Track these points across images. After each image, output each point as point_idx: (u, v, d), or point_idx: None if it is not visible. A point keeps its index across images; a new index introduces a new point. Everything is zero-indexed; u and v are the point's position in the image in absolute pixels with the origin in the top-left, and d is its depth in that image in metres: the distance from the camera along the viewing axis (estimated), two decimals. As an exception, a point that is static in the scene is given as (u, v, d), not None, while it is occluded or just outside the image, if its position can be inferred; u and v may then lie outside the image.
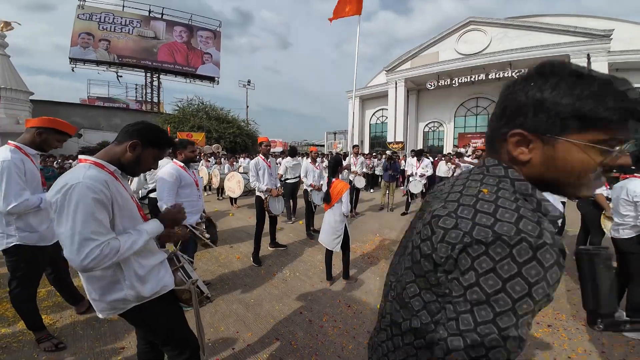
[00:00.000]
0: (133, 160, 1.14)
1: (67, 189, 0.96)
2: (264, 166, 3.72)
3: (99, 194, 0.99)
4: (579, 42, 12.76)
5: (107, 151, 1.14)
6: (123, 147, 1.13)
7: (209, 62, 26.44)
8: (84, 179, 0.98)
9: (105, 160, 1.11)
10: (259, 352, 2.00)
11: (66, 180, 0.99)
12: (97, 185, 0.99)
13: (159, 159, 1.23)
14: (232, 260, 3.68)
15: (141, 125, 1.18)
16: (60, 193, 0.96)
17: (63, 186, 0.97)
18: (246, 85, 27.53)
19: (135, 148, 1.13)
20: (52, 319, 2.31)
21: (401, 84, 18.48)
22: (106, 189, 1.01)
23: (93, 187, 0.98)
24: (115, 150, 1.14)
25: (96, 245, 0.96)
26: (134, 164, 1.16)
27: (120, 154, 1.13)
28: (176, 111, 19.86)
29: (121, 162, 1.14)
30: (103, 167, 1.08)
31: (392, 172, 6.66)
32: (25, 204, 1.76)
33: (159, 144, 1.20)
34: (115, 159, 1.13)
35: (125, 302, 1.10)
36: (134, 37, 23.82)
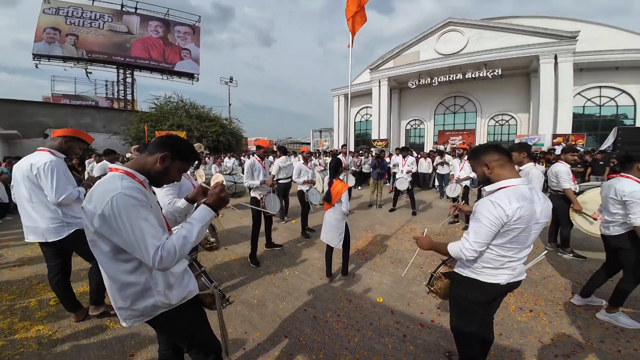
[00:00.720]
0: (161, 171, 1.17)
1: (111, 200, 0.98)
2: (260, 167, 3.75)
3: (140, 200, 1.02)
4: (548, 44, 13.64)
5: (137, 161, 1.17)
6: (154, 159, 1.16)
7: (188, 58, 25.54)
8: (122, 188, 1.00)
9: (135, 169, 1.13)
10: (269, 350, 2.06)
11: (105, 190, 1.00)
12: (135, 193, 1.02)
13: (183, 172, 1.26)
14: (229, 262, 3.68)
15: (173, 139, 1.22)
16: (103, 204, 0.98)
17: (103, 197, 0.99)
18: (228, 82, 26.88)
19: (165, 160, 1.16)
20: (51, 329, 2.24)
21: (384, 83, 18.88)
22: (143, 196, 1.05)
23: (131, 195, 1.01)
24: (146, 160, 1.17)
25: (159, 246, 1.00)
26: (162, 175, 1.19)
27: (150, 164, 1.16)
28: (153, 109, 18.97)
29: (150, 172, 1.16)
30: (134, 176, 1.10)
31: (380, 170, 6.86)
32: (70, 196, 2.10)
33: (187, 158, 1.24)
34: (145, 169, 1.16)
35: (156, 308, 1.12)
36: (104, 32, 22.50)
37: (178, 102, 19.57)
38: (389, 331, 2.29)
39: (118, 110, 22.88)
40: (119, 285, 1.09)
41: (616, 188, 2.28)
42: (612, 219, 2.39)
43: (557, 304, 2.68)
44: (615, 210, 2.34)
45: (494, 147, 1.52)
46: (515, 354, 2.01)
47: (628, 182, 2.24)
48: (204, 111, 20.09)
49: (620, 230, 2.34)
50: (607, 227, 2.44)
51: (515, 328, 2.32)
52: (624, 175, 2.33)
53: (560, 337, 2.21)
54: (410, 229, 5.14)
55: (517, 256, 1.44)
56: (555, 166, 3.85)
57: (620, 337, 2.17)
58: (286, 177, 5.56)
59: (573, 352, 2.01)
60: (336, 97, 23.50)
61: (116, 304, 1.12)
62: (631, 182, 2.23)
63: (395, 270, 3.44)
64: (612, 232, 2.40)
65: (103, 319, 2.39)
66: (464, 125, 18.90)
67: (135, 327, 2.21)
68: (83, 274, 3.31)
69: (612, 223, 2.39)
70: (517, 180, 1.40)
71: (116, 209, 0.97)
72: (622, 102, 14.52)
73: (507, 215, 1.30)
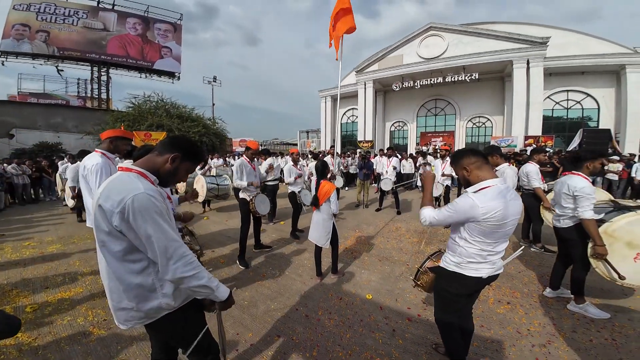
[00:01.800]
0: (171, 172, 1.17)
1: (131, 199, 0.97)
2: (250, 168, 3.73)
3: (160, 206, 1.03)
4: (521, 49, 14.43)
5: (147, 160, 1.16)
6: (164, 159, 1.15)
7: (168, 57, 24.70)
8: (145, 189, 1.01)
9: (146, 169, 1.13)
10: (263, 350, 2.07)
11: (125, 190, 0.99)
12: (157, 196, 1.03)
13: (190, 172, 1.27)
14: (217, 265, 3.63)
15: (183, 139, 1.22)
16: (124, 203, 0.97)
17: (124, 197, 0.98)
18: (212, 82, 26.29)
19: (175, 160, 1.16)
20: (30, 336, 2.14)
21: (370, 85, 19.22)
22: (161, 199, 1.06)
23: (155, 198, 1.01)
24: (156, 160, 1.16)
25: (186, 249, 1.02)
26: (171, 176, 1.19)
27: (160, 164, 1.16)
28: (130, 108, 18.15)
29: (159, 172, 1.16)
30: (147, 177, 1.10)
31: (366, 171, 6.99)
32: None
33: (195, 159, 1.24)
34: (155, 169, 1.15)
35: (159, 310, 1.12)
36: (78, 28, 21.34)
37: (158, 102, 18.89)
38: (378, 326, 2.36)
39: (91, 110, 21.77)
40: (126, 286, 1.08)
41: (569, 184, 2.47)
42: (563, 212, 2.59)
43: (531, 297, 2.86)
44: (566, 205, 2.53)
45: (469, 151, 1.62)
46: (496, 345, 2.13)
47: (579, 179, 2.45)
48: (185, 111, 19.49)
49: (569, 222, 2.55)
50: (558, 220, 2.65)
51: (495, 320, 2.46)
52: (574, 172, 2.54)
53: (536, 327, 2.35)
54: (396, 228, 5.28)
55: (496, 250, 1.56)
56: (525, 166, 4.12)
57: (591, 327, 2.34)
58: (274, 179, 5.56)
59: (548, 342, 2.16)
60: (323, 98, 23.62)
61: (120, 305, 1.11)
62: (581, 179, 2.45)
63: (382, 268, 3.53)
64: (563, 225, 2.61)
65: (85, 325, 2.30)
66: (444, 127, 19.58)
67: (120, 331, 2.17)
68: (59, 279, 3.16)
69: (563, 216, 2.60)
70: (495, 180, 1.53)
71: (139, 208, 0.97)
72: (587, 105, 15.61)
73: (479, 209, 1.43)
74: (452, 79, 15.98)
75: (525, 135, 14.38)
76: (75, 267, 3.53)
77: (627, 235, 2.36)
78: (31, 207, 7.61)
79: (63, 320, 2.39)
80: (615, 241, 2.37)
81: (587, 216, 2.33)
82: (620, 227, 2.38)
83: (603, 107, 15.17)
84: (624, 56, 13.88)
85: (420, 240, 4.52)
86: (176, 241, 1.03)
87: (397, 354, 2.05)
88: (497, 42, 15.20)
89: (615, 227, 2.40)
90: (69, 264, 3.63)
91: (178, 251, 1.02)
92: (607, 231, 2.40)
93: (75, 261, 3.70)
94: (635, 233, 2.34)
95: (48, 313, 2.51)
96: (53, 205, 7.68)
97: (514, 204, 1.51)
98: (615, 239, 2.38)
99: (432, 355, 2.03)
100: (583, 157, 2.54)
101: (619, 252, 2.36)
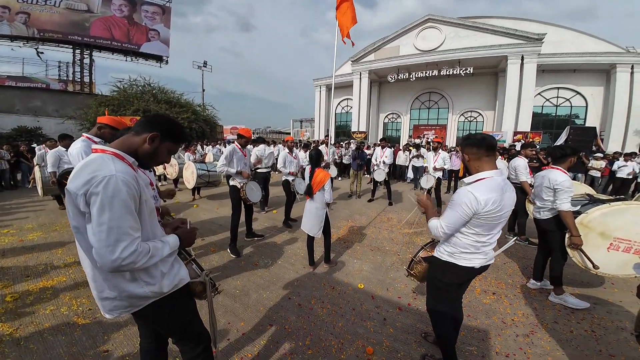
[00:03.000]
0: (150, 152, 1.09)
1: (101, 180, 0.89)
2: (240, 155, 3.63)
3: (132, 188, 0.95)
4: (516, 45, 14.46)
5: (123, 141, 1.07)
6: (142, 139, 1.07)
7: (156, 40, 23.62)
8: (117, 172, 0.92)
9: (123, 150, 1.04)
10: (255, 339, 2.06)
11: (95, 171, 0.91)
12: (130, 180, 0.94)
13: (172, 153, 1.19)
14: (207, 254, 3.57)
15: (162, 117, 1.13)
16: (91, 184, 0.89)
17: (93, 177, 0.90)
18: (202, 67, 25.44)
19: (154, 140, 1.08)
20: (11, 327, 2.06)
21: (365, 75, 19.00)
22: (136, 184, 0.97)
23: (127, 182, 0.93)
24: (133, 140, 1.07)
25: (132, 241, 0.92)
26: (150, 157, 1.11)
27: (138, 145, 1.07)
28: (115, 92, 17.39)
29: (137, 153, 1.08)
30: (123, 158, 1.02)
31: (360, 161, 6.98)
32: None
33: (176, 138, 1.15)
34: (132, 150, 1.07)
35: (145, 298, 1.06)
36: (60, 10, 20.09)
37: (145, 86, 18.15)
38: (370, 315, 2.38)
39: (73, 94, 20.79)
40: (105, 275, 1.01)
41: (550, 178, 2.55)
42: (542, 204, 2.69)
43: (515, 287, 2.94)
44: (546, 197, 2.63)
45: (474, 141, 1.55)
46: (482, 334, 2.19)
47: (558, 173, 2.55)
48: (174, 96, 18.84)
49: (548, 214, 2.66)
50: (539, 212, 2.76)
51: (481, 310, 2.52)
52: (554, 167, 2.64)
53: (520, 317, 2.43)
54: (388, 219, 5.32)
55: (489, 241, 1.58)
56: (514, 160, 4.18)
57: (571, 319, 2.42)
58: (265, 166, 5.47)
59: (532, 332, 2.23)
60: (318, 87, 23.24)
61: (102, 294, 1.04)
62: (561, 173, 2.54)
63: (374, 258, 3.56)
64: (542, 217, 2.71)
65: (69, 315, 2.23)
66: (437, 120, 19.69)
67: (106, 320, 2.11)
68: (41, 268, 3.04)
69: (543, 208, 2.70)
70: (492, 172, 1.52)
71: (104, 190, 0.89)
72: (575, 102, 15.95)
73: (480, 203, 1.43)
74: (447, 72, 15.95)
75: (515, 131, 14.62)
76: (57, 255, 3.40)
77: (600, 226, 2.50)
78: (9, 193, 7.27)
79: (46, 310, 2.30)
80: (589, 232, 2.51)
81: (565, 208, 2.44)
82: (594, 219, 2.52)
83: (591, 105, 15.54)
84: (615, 55, 14.13)
85: (410, 231, 4.57)
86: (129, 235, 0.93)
87: (388, 342, 2.07)
88: (493, 36, 15.17)
89: (590, 219, 2.53)
90: (51, 252, 3.49)
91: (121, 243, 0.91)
92: (583, 222, 2.54)
93: (57, 249, 3.56)
94: (608, 224, 2.48)
95: (29, 302, 2.41)
96: (33, 192, 7.36)
97: (509, 196, 1.53)
98: (590, 230, 2.51)
99: (421, 344, 2.07)
100: (569, 152, 2.63)
101: (592, 242, 2.50)
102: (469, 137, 1.60)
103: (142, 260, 0.96)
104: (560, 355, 1.99)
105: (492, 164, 1.55)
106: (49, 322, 2.14)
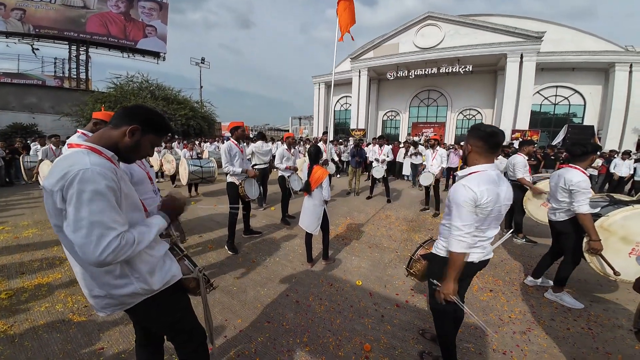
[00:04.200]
0: (131, 146, 1.05)
1: (75, 175, 0.85)
2: (237, 151, 3.60)
3: (110, 181, 0.90)
4: (516, 43, 14.42)
5: (101, 135, 1.03)
6: (121, 132, 1.03)
7: (153, 36, 23.41)
8: (92, 165, 0.88)
9: (101, 145, 1.00)
10: (252, 336, 2.05)
11: (69, 166, 0.87)
12: (107, 172, 0.90)
13: (156, 145, 1.15)
14: (204, 251, 3.55)
15: (141, 109, 1.08)
16: (65, 180, 0.85)
17: (66, 172, 0.86)
18: (200, 63, 25.24)
19: (134, 133, 1.03)
20: (6, 324, 2.04)
21: (364, 73, 18.90)
22: (114, 176, 0.93)
23: (103, 174, 0.89)
24: (111, 134, 1.03)
25: (116, 235, 0.88)
26: (132, 151, 1.06)
27: (118, 138, 1.03)
28: (111, 89, 17.25)
29: (118, 147, 1.03)
30: (100, 153, 0.97)
31: (359, 159, 6.96)
32: None
33: (159, 130, 1.11)
34: (111, 144, 1.02)
35: (135, 296, 1.04)
36: (56, 6, 19.93)
37: (142, 82, 18.00)
38: (368, 312, 2.38)
39: (69, 90, 20.61)
40: (92, 273, 0.99)
41: (565, 178, 2.42)
42: (558, 206, 2.57)
43: (513, 285, 2.94)
44: (562, 199, 2.50)
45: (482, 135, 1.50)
46: (480, 331, 2.18)
47: (575, 173, 2.39)
48: (171, 93, 18.72)
49: (564, 216, 2.53)
50: (554, 214, 2.63)
51: (479, 307, 2.52)
52: (572, 166, 2.48)
53: (517, 315, 2.42)
54: (386, 216, 5.31)
55: (487, 235, 1.58)
56: (513, 157, 4.15)
57: (568, 316, 2.42)
58: (264, 163, 5.44)
59: (528, 329, 2.23)
60: (317, 84, 23.11)
61: (91, 293, 1.02)
62: (578, 173, 2.39)
63: (372, 255, 3.55)
64: (558, 218, 2.59)
65: (65, 312, 2.21)
66: (435, 118, 19.66)
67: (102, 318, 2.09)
68: (36, 265, 3.01)
69: (558, 210, 2.57)
70: (487, 165, 1.51)
71: (79, 185, 0.85)
72: (574, 101, 15.96)
73: (476, 194, 1.42)
74: (446, 70, 15.90)
75: (513, 129, 14.64)
76: (53, 252, 3.37)
77: (621, 230, 2.34)
78: (5, 190, 7.20)
79: (41, 307, 2.28)
80: (610, 235, 2.34)
81: (583, 210, 2.30)
82: (615, 222, 2.35)
83: (589, 104, 15.56)
84: (614, 54, 14.13)
85: (409, 229, 4.56)
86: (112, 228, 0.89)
87: (385, 339, 2.06)
88: (493, 34, 15.12)
89: (610, 222, 2.36)
90: (46, 248, 3.46)
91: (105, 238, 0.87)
92: (603, 225, 2.37)
93: (53, 246, 3.53)
94: (630, 228, 2.31)
95: (24, 299, 2.39)
96: (28, 189, 7.29)
97: (505, 189, 1.53)
98: (611, 234, 2.34)
99: (419, 341, 2.07)
100: (590, 149, 2.44)
101: (613, 246, 2.34)
102: (479, 129, 1.52)
103: (129, 251, 0.92)
104: (557, 352, 2.00)
105: (490, 159, 1.54)
106: (44, 320, 2.12)
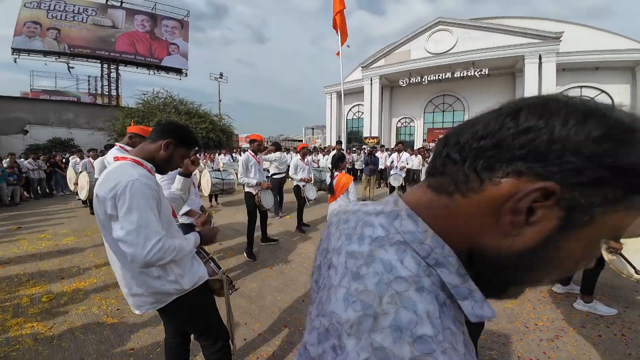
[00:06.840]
0: (166, 158, 1.19)
1: (125, 185, 0.99)
2: (254, 162, 3.76)
3: (154, 191, 1.05)
4: (533, 44, 14.02)
5: (141, 149, 1.18)
6: (157, 146, 1.17)
7: (176, 53, 24.95)
8: (140, 176, 1.03)
9: (141, 157, 1.15)
10: (270, 339, 2.11)
11: (119, 177, 1.02)
12: (151, 183, 1.05)
13: (186, 158, 1.29)
14: (225, 257, 3.69)
15: (174, 125, 1.24)
16: (117, 189, 0.99)
17: (118, 183, 1.00)
18: (218, 78, 26.45)
19: (168, 147, 1.18)
20: (46, 326, 2.21)
21: (376, 81, 18.99)
22: (157, 187, 1.07)
23: (149, 185, 1.03)
24: (150, 147, 1.18)
25: (159, 239, 1.01)
26: (166, 163, 1.20)
27: (155, 152, 1.17)
28: (140, 104, 18.45)
29: (155, 160, 1.18)
30: (142, 164, 1.12)
31: (372, 167, 6.97)
32: None
33: (189, 144, 1.25)
34: (150, 157, 1.17)
35: (168, 295, 1.15)
36: (88, 25, 21.73)
37: (167, 98, 19.14)
38: (385, 319, 2.37)
39: (101, 106, 22.13)
40: (132, 273, 1.11)
41: None
42: None
43: (540, 292, 2.81)
44: None
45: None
46: (503, 338, 2.12)
47: None
48: (193, 107, 19.71)
49: None
50: None
51: (503, 314, 2.43)
52: None
53: (544, 322, 2.33)
54: (403, 224, 5.26)
55: None
56: None
57: (600, 323, 2.30)
58: (280, 172, 5.59)
59: (557, 337, 2.13)
60: (329, 94, 23.49)
61: (131, 291, 1.14)
62: None
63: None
64: None
65: (99, 314, 2.38)
66: (452, 124, 19.26)
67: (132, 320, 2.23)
68: (74, 270, 3.26)
69: None
70: None
71: (130, 194, 0.99)
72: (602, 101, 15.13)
73: None
74: (461, 74, 15.67)
75: (536, 132, 14.06)
76: (89, 258, 3.63)
77: None
78: (45, 201, 7.82)
79: (78, 310, 2.47)
80: None
81: None
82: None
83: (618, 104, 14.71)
84: (638, 52, 13.39)
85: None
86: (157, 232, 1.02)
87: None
88: (507, 36, 14.80)
89: None
90: (82, 255, 3.74)
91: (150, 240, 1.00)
92: None
93: (89, 253, 3.80)
94: None
95: (63, 303, 2.59)
96: (66, 200, 7.88)
97: None
98: None
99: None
100: None
101: (633, 245, 2.26)
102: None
103: (170, 256, 1.05)
104: (587, 359, 1.91)
105: None
106: (81, 321, 2.29)
